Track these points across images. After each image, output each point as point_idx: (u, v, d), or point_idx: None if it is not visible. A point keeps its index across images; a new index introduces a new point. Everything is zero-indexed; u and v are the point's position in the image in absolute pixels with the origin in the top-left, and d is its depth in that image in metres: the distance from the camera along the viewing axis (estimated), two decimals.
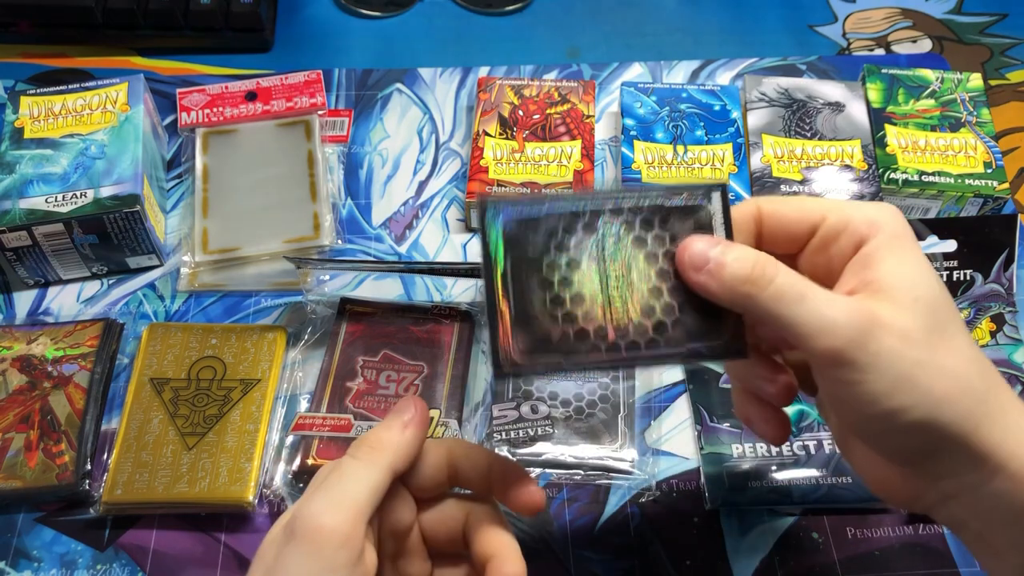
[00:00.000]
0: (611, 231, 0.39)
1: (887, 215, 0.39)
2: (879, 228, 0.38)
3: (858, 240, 0.38)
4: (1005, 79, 0.76)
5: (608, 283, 0.39)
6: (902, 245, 0.38)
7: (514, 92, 0.71)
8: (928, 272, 0.38)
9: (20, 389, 0.58)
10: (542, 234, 0.39)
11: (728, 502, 0.54)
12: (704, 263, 0.38)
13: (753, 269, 0.36)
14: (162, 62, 0.78)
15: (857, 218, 0.38)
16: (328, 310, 0.62)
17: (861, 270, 0.38)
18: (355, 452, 0.39)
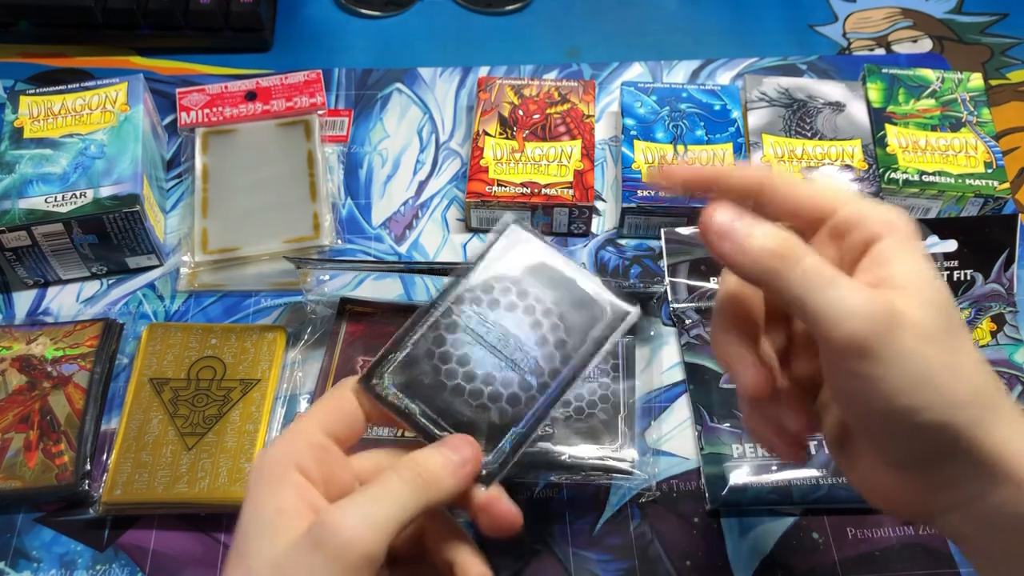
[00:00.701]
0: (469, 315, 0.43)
1: (901, 218, 0.38)
2: (893, 228, 0.38)
3: (871, 237, 0.38)
4: (1006, 79, 0.76)
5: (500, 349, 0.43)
6: (914, 248, 0.38)
7: (514, 92, 0.71)
8: (937, 276, 0.37)
9: (20, 389, 0.58)
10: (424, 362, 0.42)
11: (728, 502, 0.54)
12: (732, 231, 0.36)
13: (781, 245, 0.36)
14: (162, 62, 0.78)
15: (872, 216, 0.38)
16: (328, 310, 0.62)
17: (876, 267, 0.37)
18: (405, 475, 0.38)
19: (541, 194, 0.65)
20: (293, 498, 0.38)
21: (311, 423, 0.40)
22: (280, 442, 0.40)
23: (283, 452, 0.39)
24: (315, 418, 0.40)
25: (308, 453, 0.39)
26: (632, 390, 0.58)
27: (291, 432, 0.40)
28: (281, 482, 0.38)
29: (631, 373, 0.59)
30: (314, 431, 0.40)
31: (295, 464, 0.39)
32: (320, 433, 0.40)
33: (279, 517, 0.37)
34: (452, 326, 0.43)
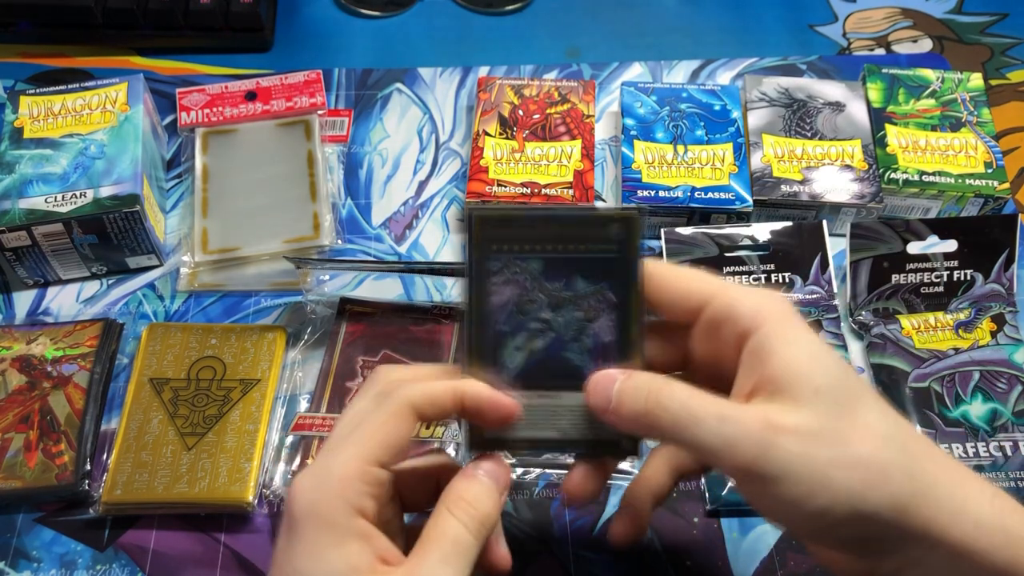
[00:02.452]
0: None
1: (772, 301, 0.38)
2: (765, 318, 0.37)
3: (743, 331, 0.38)
4: (1006, 79, 0.76)
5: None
6: (792, 331, 0.37)
7: (514, 92, 0.71)
8: (824, 354, 0.37)
9: (20, 389, 0.58)
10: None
11: (728, 502, 0.54)
12: (607, 404, 0.39)
13: (647, 403, 0.37)
14: (162, 62, 0.78)
15: (741, 308, 0.38)
16: (328, 310, 0.62)
17: (757, 366, 0.37)
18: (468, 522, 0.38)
19: (541, 194, 0.65)
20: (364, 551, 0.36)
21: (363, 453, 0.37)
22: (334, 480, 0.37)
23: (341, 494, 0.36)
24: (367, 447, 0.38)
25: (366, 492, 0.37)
26: None
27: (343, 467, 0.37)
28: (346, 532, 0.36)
29: None
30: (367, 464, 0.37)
31: (356, 508, 0.37)
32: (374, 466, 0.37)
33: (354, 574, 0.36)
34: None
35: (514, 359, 0.41)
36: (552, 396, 0.41)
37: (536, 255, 0.40)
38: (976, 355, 0.58)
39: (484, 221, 0.41)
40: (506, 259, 0.40)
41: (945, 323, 0.60)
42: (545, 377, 0.40)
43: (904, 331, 0.60)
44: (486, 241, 0.41)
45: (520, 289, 0.40)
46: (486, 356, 0.41)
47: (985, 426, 0.56)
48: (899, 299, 0.61)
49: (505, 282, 0.41)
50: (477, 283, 0.41)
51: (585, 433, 0.41)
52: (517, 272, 0.41)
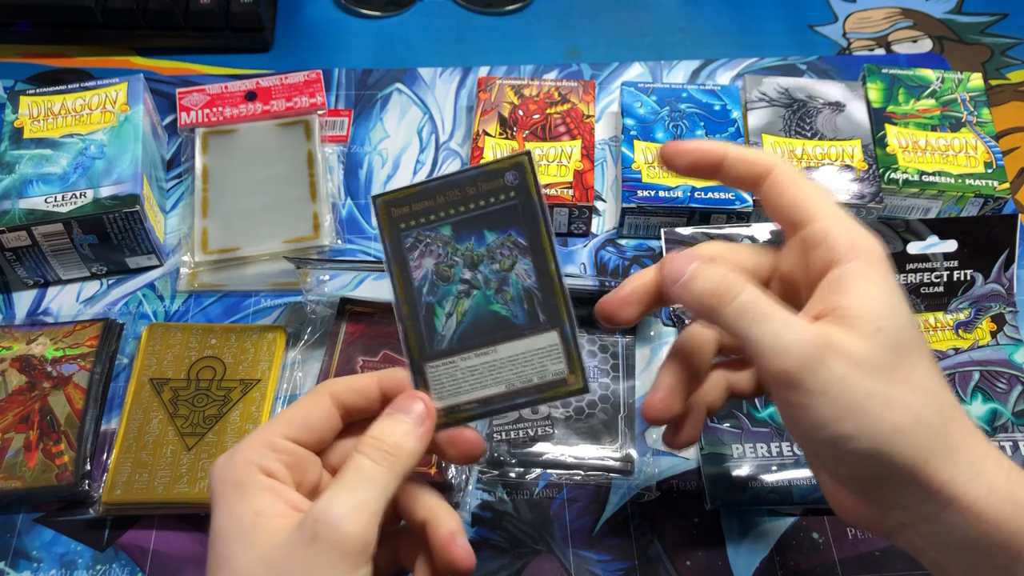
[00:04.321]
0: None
1: (868, 243, 0.39)
2: (857, 253, 0.38)
3: (833, 259, 0.39)
4: (1006, 79, 0.76)
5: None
6: (876, 273, 0.38)
7: (514, 92, 0.71)
8: (897, 303, 0.38)
9: (20, 389, 0.58)
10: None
11: (728, 502, 0.54)
12: (680, 276, 0.40)
13: (719, 285, 0.38)
14: (162, 62, 0.78)
15: (839, 237, 0.39)
16: (328, 310, 0.62)
17: (830, 293, 0.38)
18: (373, 455, 0.39)
19: None
20: (270, 499, 0.38)
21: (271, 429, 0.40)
22: (241, 449, 0.40)
23: (244, 458, 0.39)
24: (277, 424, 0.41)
25: (271, 457, 0.39)
26: (632, 390, 0.58)
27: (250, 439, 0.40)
28: (250, 486, 0.38)
29: (631, 373, 0.59)
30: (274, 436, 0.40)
31: (262, 469, 0.39)
32: (281, 438, 0.40)
33: (259, 518, 0.37)
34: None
35: (448, 326, 0.42)
36: (491, 351, 0.41)
37: (443, 221, 0.42)
38: (976, 355, 0.58)
39: (387, 203, 0.42)
40: (417, 232, 0.42)
41: (945, 323, 0.60)
42: (479, 334, 0.42)
43: None
44: (394, 220, 0.42)
45: (436, 257, 0.42)
46: (421, 330, 0.42)
47: (985, 426, 0.56)
48: None
49: (421, 254, 0.42)
50: (396, 262, 0.42)
51: (531, 379, 0.41)
52: (429, 242, 0.42)
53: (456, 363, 0.41)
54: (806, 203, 0.40)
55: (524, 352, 0.41)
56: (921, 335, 0.39)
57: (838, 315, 0.37)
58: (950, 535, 0.38)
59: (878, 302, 0.37)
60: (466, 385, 0.41)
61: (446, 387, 0.41)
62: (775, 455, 0.55)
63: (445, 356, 0.41)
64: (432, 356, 0.41)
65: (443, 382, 0.41)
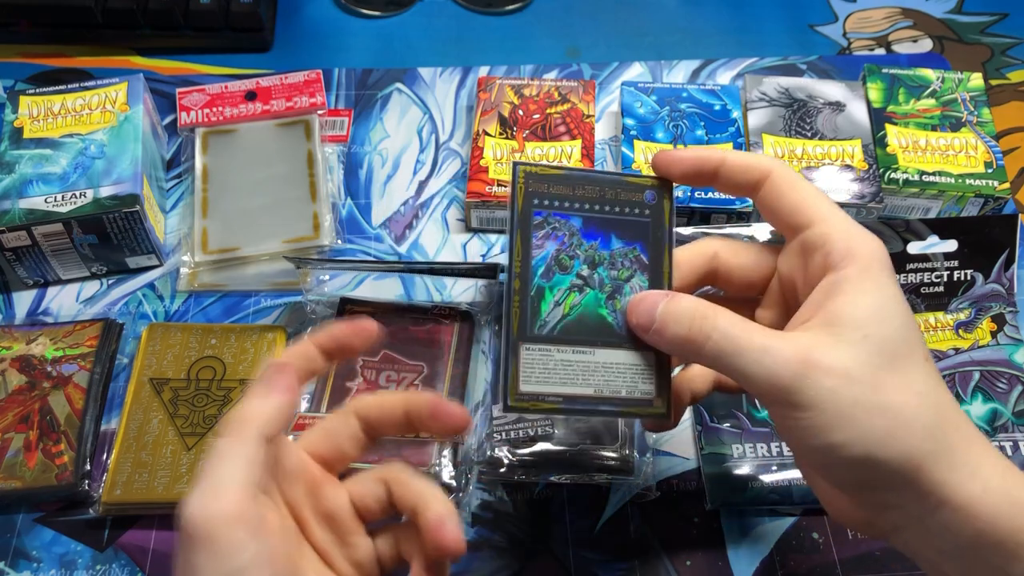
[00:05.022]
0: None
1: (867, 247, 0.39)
2: (853, 259, 0.38)
3: (829, 264, 0.39)
4: (1006, 79, 0.76)
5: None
6: (871, 278, 0.38)
7: (514, 92, 0.71)
8: (889, 308, 0.38)
9: (19, 389, 0.58)
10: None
11: (728, 502, 0.54)
12: (649, 324, 0.40)
13: (690, 329, 0.39)
14: (162, 62, 0.78)
15: (836, 243, 0.39)
16: (328, 310, 0.62)
17: (823, 299, 0.38)
18: (222, 431, 0.38)
19: None
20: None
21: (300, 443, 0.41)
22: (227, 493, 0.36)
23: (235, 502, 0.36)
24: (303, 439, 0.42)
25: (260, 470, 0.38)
26: None
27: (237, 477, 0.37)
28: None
29: None
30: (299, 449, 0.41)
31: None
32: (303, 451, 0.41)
33: None
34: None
35: (553, 313, 0.42)
36: (587, 352, 0.41)
37: (576, 213, 0.42)
38: (976, 355, 0.58)
39: (529, 175, 0.42)
40: (547, 213, 0.42)
41: (945, 323, 0.60)
42: (582, 332, 0.41)
43: None
44: (529, 194, 0.42)
45: (560, 244, 0.42)
46: (527, 307, 0.41)
47: (985, 426, 0.56)
48: None
49: (545, 236, 0.42)
50: (520, 234, 0.42)
51: (618, 391, 0.41)
52: (557, 227, 0.42)
53: (552, 353, 0.41)
54: (805, 206, 0.40)
55: (620, 363, 0.42)
56: (917, 337, 0.39)
57: (826, 322, 0.38)
58: (945, 535, 0.38)
59: (867, 309, 0.38)
60: (556, 377, 0.41)
61: (536, 373, 0.41)
62: (775, 455, 0.55)
63: (543, 342, 0.41)
64: (531, 338, 0.41)
65: (534, 367, 0.41)
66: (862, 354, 0.37)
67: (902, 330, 0.38)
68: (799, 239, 0.41)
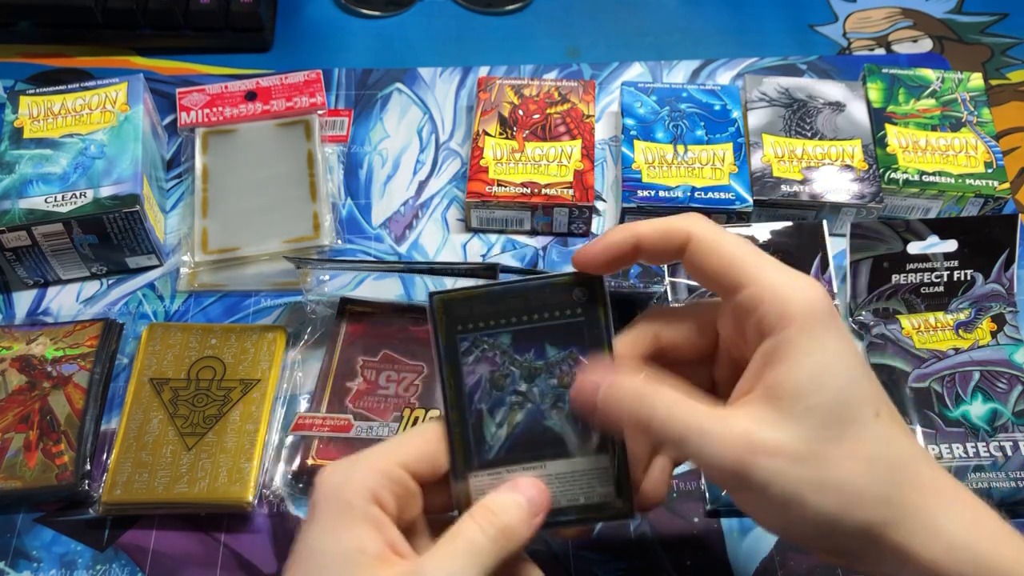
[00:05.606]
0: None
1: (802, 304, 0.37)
2: (788, 321, 0.37)
3: (764, 330, 0.37)
4: (1006, 79, 0.76)
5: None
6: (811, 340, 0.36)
7: (514, 92, 0.71)
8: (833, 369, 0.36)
9: (19, 389, 0.58)
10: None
11: (728, 502, 0.54)
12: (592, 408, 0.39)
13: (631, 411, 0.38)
14: (162, 62, 0.78)
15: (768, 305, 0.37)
16: (328, 310, 0.62)
17: (762, 368, 0.37)
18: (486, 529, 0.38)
19: (541, 194, 0.65)
20: (374, 536, 0.37)
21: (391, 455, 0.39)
22: (358, 470, 0.38)
23: (362, 482, 0.38)
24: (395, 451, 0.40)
25: (386, 486, 0.38)
26: None
27: (369, 461, 0.39)
28: (362, 515, 0.37)
29: None
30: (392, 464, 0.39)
31: (374, 497, 0.38)
32: (398, 466, 0.39)
33: (360, 556, 0.37)
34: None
35: (497, 436, 0.41)
36: (538, 466, 0.41)
37: (503, 329, 0.41)
38: (976, 355, 0.58)
39: (446, 303, 0.41)
40: (474, 337, 0.41)
41: (945, 323, 0.60)
42: (529, 449, 0.41)
43: (904, 331, 0.59)
44: (451, 322, 0.41)
45: (492, 365, 0.41)
46: (469, 438, 0.41)
47: (985, 426, 0.56)
48: (899, 299, 0.61)
49: (476, 360, 0.41)
50: (448, 365, 0.41)
51: (576, 499, 0.41)
52: (486, 348, 0.41)
53: (502, 474, 0.41)
54: (730, 268, 0.38)
55: (573, 471, 0.41)
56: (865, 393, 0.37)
57: (766, 395, 0.37)
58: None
59: (806, 375, 0.36)
60: None
61: None
62: None
63: (492, 467, 0.41)
64: (478, 466, 0.41)
65: (486, 493, 0.40)
66: (805, 429, 0.36)
67: (846, 392, 0.36)
68: (732, 304, 0.39)
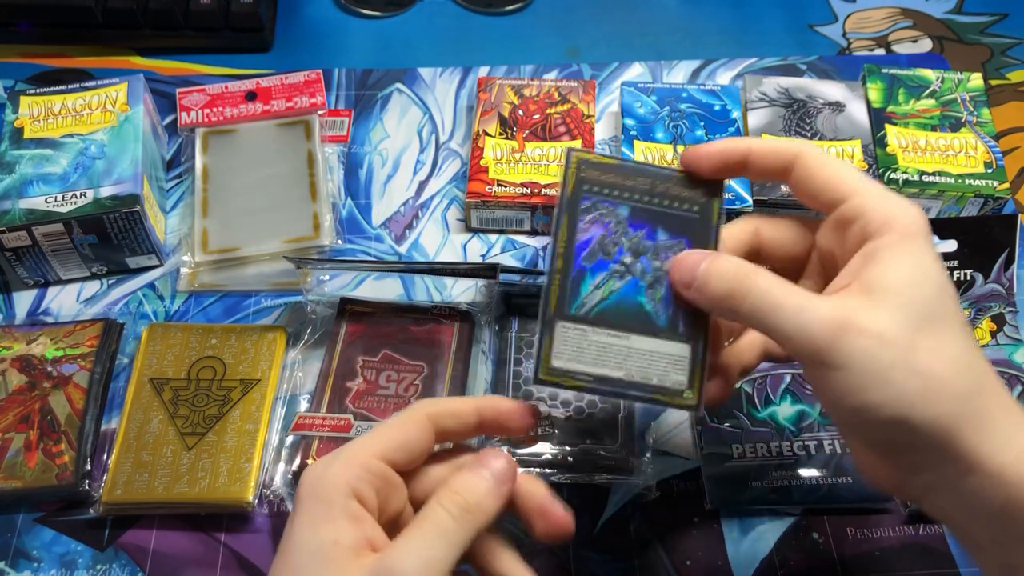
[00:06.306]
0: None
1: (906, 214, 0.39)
2: (890, 227, 0.39)
3: (867, 234, 0.39)
4: (1005, 79, 0.76)
5: None
6: (907, 246, 0.39)
7: (514, 92, 0.71)
8: (928, 273, 0.38)
9: (20, 389, 0.58)
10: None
11: (728, 502, 0.54)
12: (692, 281, 0.41)
13: (731, 285, 0.39)
14: (162, 62, 0.78)
15: (873, 213, 0.40)
16: (328, 310, 0.62)
17: (860, 267, 0.39)
18: (452, 510, 0.39)
19: (541, 194, 0.65)
20: (351, 530, 0.38)
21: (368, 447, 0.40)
22: (337, 465, 0.39)
23: (341, 476, 0.39)
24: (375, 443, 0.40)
25: (365, 479, 0.39)
26: None
27: (348, 454, 0.40)
28: (340, 510, 0.38)
29: None
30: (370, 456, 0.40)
31: (352, 491, 0.38)
32: (378, 459, 0.40)
33: (335, 548, 0.37)
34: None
35: (592, 296, 0.42)
36: (623, 337, 0.42)
37: (624, 202, 0.43)
38: None
39: (581, 160, 0.43)
40: (596, 200, 0.43)
41: None
42: (618, 318, 0.42)
43: None
44: (580, 179, 0.43)
45: (605, 230, 0.43)
46: (566, 287, 0.42)
47: None
48: None
49: (592, 221, 0.43)
50: (567, 216, 0.43)
51: (650, 378, 0.42)
52: (604, 214, 0.43)
53: (587, 333, 0.42)
54: (837, 182, 0.41)
55: (654, 351, 0.42)
56: (954, 304, 0.39)
57: (863, 287, 0.38)
58: (975, 500, 0.38)
59: (904, 274, 0.38)
60: (588, 357, 0.42)
61: (568, 350, 0.42)
62: (775, 455, 0.55)
63: (579, 322, 0.42)
64: (567, 317, 0.42)
65: (567, 344, 0.42)
66: (898, 317, 0.37)
67: (939, 296, 0.38)
68: (835, 213, 0.41)
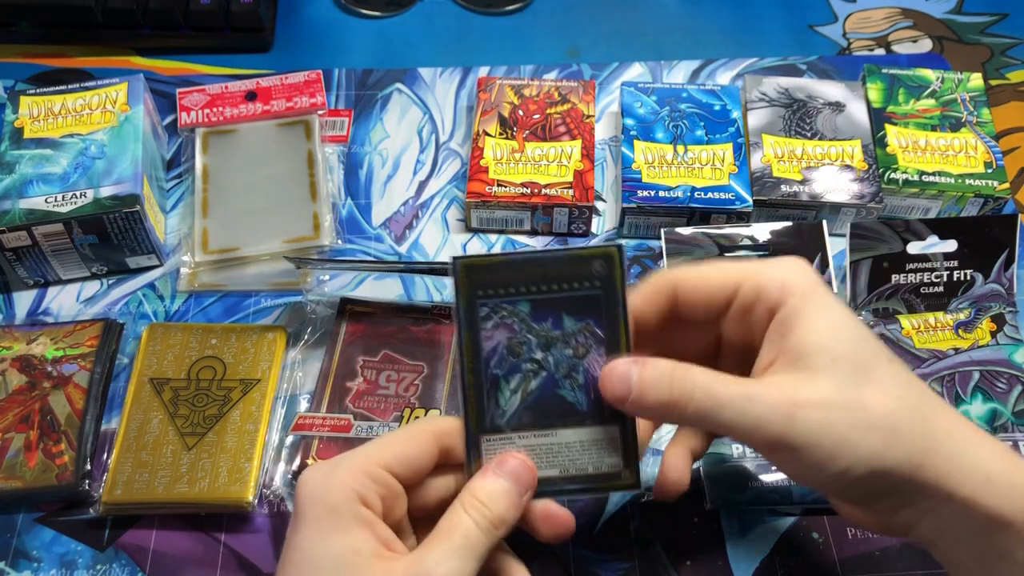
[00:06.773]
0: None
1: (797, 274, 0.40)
2: (791, 291, 0.39)
3: (772, 306, 0.40)
4: (1005, 79, 0.76)
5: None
6: (814, 302, 0.39)
7: (514, 92, 0.71)
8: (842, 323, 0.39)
9: (20, 389, 0.58)
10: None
11: (728, 502, 0.54)
12: (627, 395, 0.40)
13: (670, 392, 0.39)
14: (162, 62, 0.78)
15: (769, 284, 0.40)
16: (328, 310, 0.62)
17: (779, 338, 0.39)
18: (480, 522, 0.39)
19: (541, 194, 0.65)
20: (367, 536, 0.38)
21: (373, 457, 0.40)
22: (341, 471, 0.39)
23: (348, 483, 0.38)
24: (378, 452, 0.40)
25: (371, 488, 0.39)
26: None
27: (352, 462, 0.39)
28: (350, 517, 0.38)
29: None
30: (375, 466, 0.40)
31: (360, 498, 0.38)
32: (380, 468, 0.40)
33: (355, 557, 0.37)
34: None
35: (511, 402, 0.42)
36: (550, 434, 0.42)
37: (522, 296, 0.42)
38: (976, 355, 0.58)
39: (469, 268, 0.42)
40: (494, 303, 0.42)
41: (945, 323, 0.60)
42: (541, 416, 0.42)
43: (904, 331, 0.60)
44: (472, 287, 0.42)
45: (510, 332, 0.42)
46: (483, 402, 0.42)
47: (985, 426, 0.56)
48: (899, 299, 0.61)
49: (495, 326, 0.42)
50: (468, 329, 0.42)
51: (585, 467, 0.42)
52: (505, 315, 0.42)
53: (513, 440, 0.41)
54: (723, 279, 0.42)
55: (584, 440, 0.42)
56: (875, 341, 0.40)
57: (792, 358, 0.38)
58: (956, 525, 0.39)
59: (824, 332, 0.38)
60: None
61: None
62: None
63: (504, 432, 0.42)
64: (490, 430, 0.41)
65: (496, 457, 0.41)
66: (838, 377, 0.38)
67: (862, 340, 0.39)
68: (735, 306, 0.42)
